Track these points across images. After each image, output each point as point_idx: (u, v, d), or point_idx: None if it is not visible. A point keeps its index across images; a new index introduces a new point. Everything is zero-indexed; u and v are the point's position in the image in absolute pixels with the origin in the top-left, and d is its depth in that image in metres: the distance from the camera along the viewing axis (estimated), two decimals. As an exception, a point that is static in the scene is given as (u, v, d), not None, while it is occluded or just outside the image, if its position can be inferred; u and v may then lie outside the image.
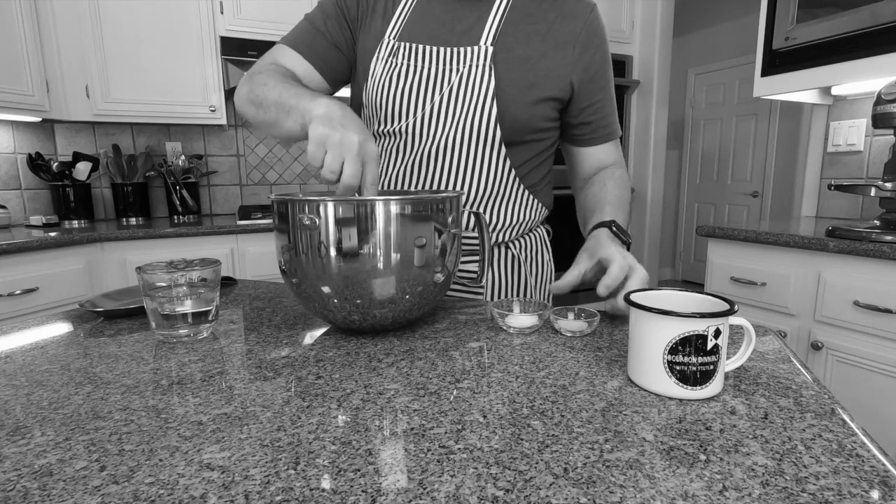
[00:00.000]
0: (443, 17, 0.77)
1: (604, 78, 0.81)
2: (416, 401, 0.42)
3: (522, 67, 0.75)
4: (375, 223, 0.52)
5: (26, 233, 1.83)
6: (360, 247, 0.52)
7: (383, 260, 0.53)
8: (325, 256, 0.53)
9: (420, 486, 0.31)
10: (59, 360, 0.53)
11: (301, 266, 0.55)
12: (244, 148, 2.60)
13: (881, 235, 1.25)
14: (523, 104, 0.75)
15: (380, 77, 0.77)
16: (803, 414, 0.40)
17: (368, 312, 0.56)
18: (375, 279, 0.54)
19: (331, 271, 0.53)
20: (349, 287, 0.54)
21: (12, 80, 1.82)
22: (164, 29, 2.09)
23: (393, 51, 0.77)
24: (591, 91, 0.80)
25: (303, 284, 0.56)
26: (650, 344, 0.43)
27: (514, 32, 0.75)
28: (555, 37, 0.76)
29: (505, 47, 0.75)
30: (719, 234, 1.60)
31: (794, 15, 1.55)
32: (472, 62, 0.74)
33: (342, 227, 0.52)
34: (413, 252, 0.55)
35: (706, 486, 0.31)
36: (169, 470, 0.33)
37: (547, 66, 0.76)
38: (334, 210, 0.52)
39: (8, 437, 0.37)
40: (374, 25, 0.80)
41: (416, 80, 0.76)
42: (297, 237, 0.54)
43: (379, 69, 0.78)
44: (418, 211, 0.54)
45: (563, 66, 0.76)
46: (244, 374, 0.48)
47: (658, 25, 3.06)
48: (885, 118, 1.33)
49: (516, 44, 0.75)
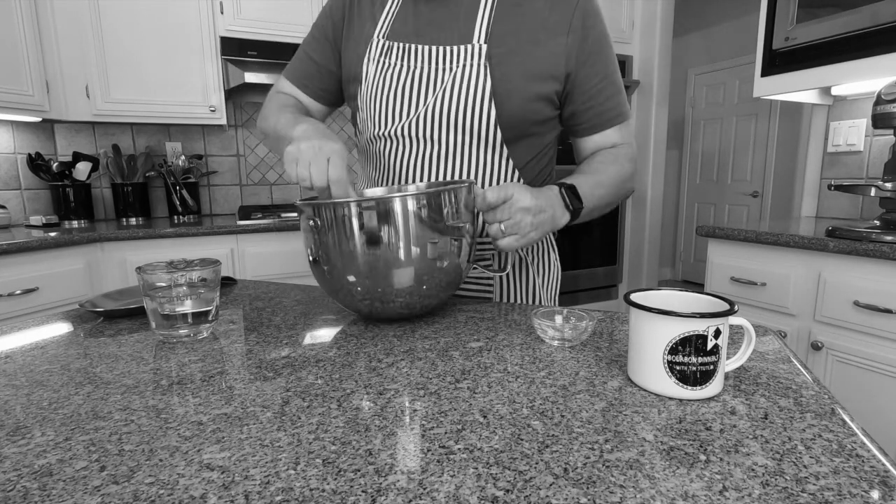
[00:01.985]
0: (430, 16, 0.76)
1: (602, 61, 0.76)
2: (416, 401, 0.42)
3: (516, 60, 0.73)
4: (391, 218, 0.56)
5: (26, 233, 1.83)
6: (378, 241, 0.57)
7: (403, 251, 0.57)
8: (351, 251, 0.57)
9: (420, 486, 0.31)
10: (59, 360, 0.53)
11: (329, 258, 0.59)
12: (244, 148, 2.60)
13: (881, 235, 1.25)
14: (521, 98, 0.74)
15: (374, 78, 0.77)
16: (803, 414, 0.40)
17: (390, 300, 0.60)
18: (396, 269, 0.58)
19: (356, 264, 0.58)
20: (371, 277, 0.58)
21: (12, 80, 1.82)
22: (164, 29, 2.09)
23: (385, 51, 0.77)
24: (587, 76, 0.76)
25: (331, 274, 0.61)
26: (650, 344, 0.43)
27: (504, 26, 0.74)
28: (546, 25, 0.74)
29: (497, 42, 0.73)
30: (719, 234, 1.60)
31: (794, 15, 1.55)
32: (465, 61, 0.73)
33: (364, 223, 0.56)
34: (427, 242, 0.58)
35: (706, 487, 0.31)
36: (169, 470, 0.33)
37: (541, 56, 0.73)
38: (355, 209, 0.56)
39: (8, 437, 0.37)
40: (361, 30, 0.80)
41: (410, 81, 0.75)
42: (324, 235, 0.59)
43: (372, 70, 0.77)
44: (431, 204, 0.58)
45: (556, 54, 0.73)
46: (244, 374, 0.48)
47: (658, 25, 3.06)
48: (885, 118, 1.32)
49: (508, 37, 0.73)
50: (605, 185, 0.75)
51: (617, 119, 0.80)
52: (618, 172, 0.77)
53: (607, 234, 3.15)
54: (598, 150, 0.81)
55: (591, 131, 0.80)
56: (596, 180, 0.74)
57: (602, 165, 0.77)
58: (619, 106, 0.79)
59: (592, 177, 0.74)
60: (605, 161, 0.77)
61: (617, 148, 0.80)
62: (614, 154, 0.79)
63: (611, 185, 0.76)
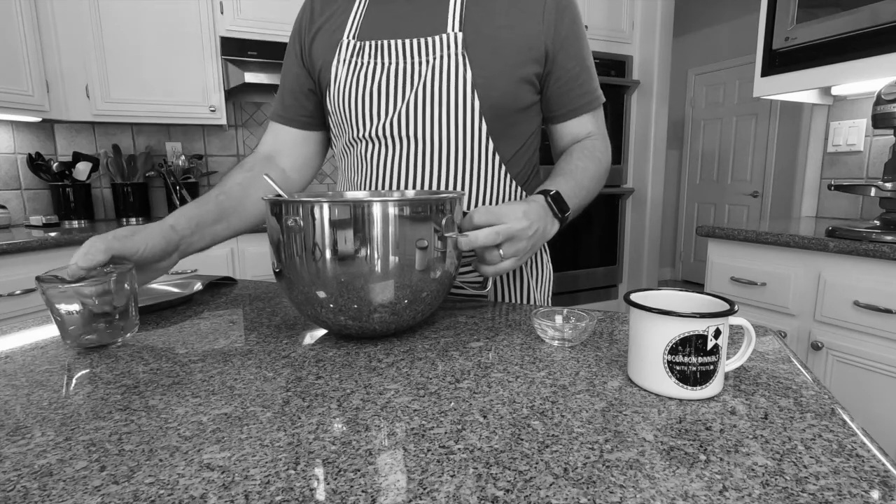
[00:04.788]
0: (399, 11, 0.74)
1: (577, 45, 0.76)
2: (416, 401, 0.42)
3: (493, 46, 0.71)
4: (371, 226, 0.50)
5: (26, 233, 1.83)
6: (355, 251, 0.50)
7: (380, 264, 0.51)
8: (320, 260, 0.51)
9: (420, 486, 0.31)
10: (59, 360, 0.53)
11: (294, 270, 0.53)
12: (244, 148, 2.60)
13: (881, 235, 1.25)
14: (503, 83, 0.72)
15: (344, 80, 0.75)
16: (803, 414, 0.40)
17: (365, 318, 0.54)
18: (371, 284, 0.51)
19: (325, 276, 0.51)
20: (343, 293, 0.52)
21: (12, 80, 1.82)
22: (164, 29, 2.09)
23: (356, 51, 0.74)
24: (564, 59, 0.75)
25: (295, 289, 0.54)
26: (650, 344, 0.43)
27: (478, 13, 0.72)
28: (519, 7, 0.73)
29: (472, 29, 0.71)
30: (719, 234, 1.60)
31: (794, 15, 1.55)
32: (442, 52, 0.71)
33: (336, 229, 0.50)
34: (410, 256, 0.53)
35: (706, 487, 0.31)
36: (169, 470, 0.33)
37: (517, 39, 0.72)
38: (329, 211, 0.50)
39: (8, 437, 0.37)
40: (330, 37, 0.77)
41: (386, 78, 0.73)
42: (288, 239, 0.52)
43: (343, 72, 0.75)
44: (416, 213, 0.52)
45: (533, 35, 0.72)
46: (244, 374, 0.48)
47: (658, 25, 3.06)
48: (885, 118, 1.33)
49: (482, 23, 0.71)
50: (586, 186, 0.75)
51: (593, 104, 0.80)
52: (596, 170, 0.78)
53: (607, 234, 3.15)
54: (575, 140, 0.81)
55: (567, 117, 0.80)
56: (577, 182, 0.73)
57: (581, 162, 0.76)
58: (594, 91, 0.80)
59: (574, 179, 0.73)
60: (583, 157, 0.77)
61: (592, 142, 0.81)
62: (590, 150, 0.79)
63: (591, 187, 0.76)
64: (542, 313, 0.59)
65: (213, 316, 0.70)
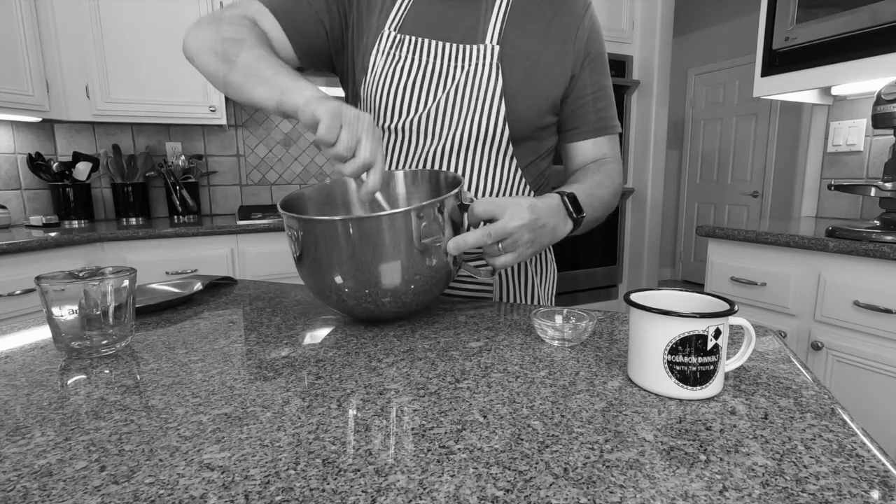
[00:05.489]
0: (444, 14, 0.76)
1: (600, 73, 0.81)
2: (416, 401, 0.42)
3: (526, 65, 0.75)
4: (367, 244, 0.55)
5: (26, 233, 1.83)
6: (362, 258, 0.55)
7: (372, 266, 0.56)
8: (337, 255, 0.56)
9: (420, 486, 0.31)
10: (59, 360, 0.53)
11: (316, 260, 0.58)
12: (244, 148, 2.60)
13: (881, 235, 1.25)
14: (529, 102, 0.75)
15: (381, 70, 0.76)
16: (803, 414, 0.40)
17: (379, 300, 0.59)
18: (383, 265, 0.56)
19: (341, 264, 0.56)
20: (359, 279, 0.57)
21: (12, 80, 1.82)
22: (164, 29, 2.09)
23: (396, 43, 0.75)
24: (585, 83, 0.80)
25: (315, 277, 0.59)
26: (650, 344, 0.43)
27: (515, 31, 0.75)
28: (554, 34, 0.77)
29: (509, 45, 0.74)
30: (719, 234, 1.60)
31: (794, 15, 1.55)
32: (478, 60, 0.74)
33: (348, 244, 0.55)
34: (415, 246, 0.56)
35: (706, 487, 0.31)
36: (169, 470, 0.33)
37: (549, 63, 0.76)
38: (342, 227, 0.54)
39: (8, 437, 0.37)
40: (371, 21, 0.78)
41: (421, 75, 0.75)
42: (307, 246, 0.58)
43: (381, 62, 0.76)
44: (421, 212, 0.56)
45: (563, 62, 0.77)
46: (244, 374, 0.48)
47: (658, 25, 3.06)
48: (885, 118, 1.33)
49: (519, 42, 0.75)
50: (600, 198, 0.75)
51: (611, 129, 0.83)
52: (611, 185, 0.79)
53: (607, 234, 3.15)
54: (591, 160, 0.82)
55: (584, 136, 0.82)
56: (593, 192, 0.73)
57: (597, 176, 0.77)
58: (613, 118, 0.83)
59: (590, 188, 0.73)
60: (598, 173, 0.78)
61: (608, 164, 0.81)
62: (607, 169, 0.80)
63: (606, 200, 0.77)
64: (541, 313, 0.59)
65: (213, 316, 0.70)
